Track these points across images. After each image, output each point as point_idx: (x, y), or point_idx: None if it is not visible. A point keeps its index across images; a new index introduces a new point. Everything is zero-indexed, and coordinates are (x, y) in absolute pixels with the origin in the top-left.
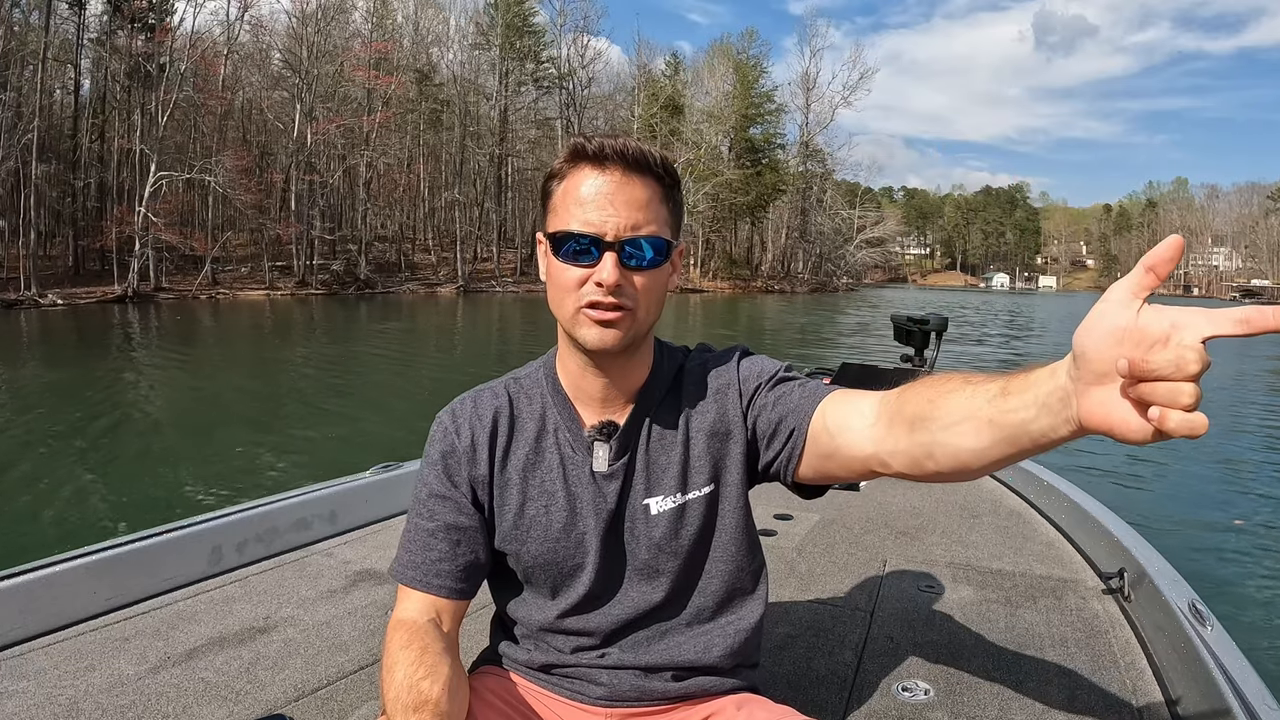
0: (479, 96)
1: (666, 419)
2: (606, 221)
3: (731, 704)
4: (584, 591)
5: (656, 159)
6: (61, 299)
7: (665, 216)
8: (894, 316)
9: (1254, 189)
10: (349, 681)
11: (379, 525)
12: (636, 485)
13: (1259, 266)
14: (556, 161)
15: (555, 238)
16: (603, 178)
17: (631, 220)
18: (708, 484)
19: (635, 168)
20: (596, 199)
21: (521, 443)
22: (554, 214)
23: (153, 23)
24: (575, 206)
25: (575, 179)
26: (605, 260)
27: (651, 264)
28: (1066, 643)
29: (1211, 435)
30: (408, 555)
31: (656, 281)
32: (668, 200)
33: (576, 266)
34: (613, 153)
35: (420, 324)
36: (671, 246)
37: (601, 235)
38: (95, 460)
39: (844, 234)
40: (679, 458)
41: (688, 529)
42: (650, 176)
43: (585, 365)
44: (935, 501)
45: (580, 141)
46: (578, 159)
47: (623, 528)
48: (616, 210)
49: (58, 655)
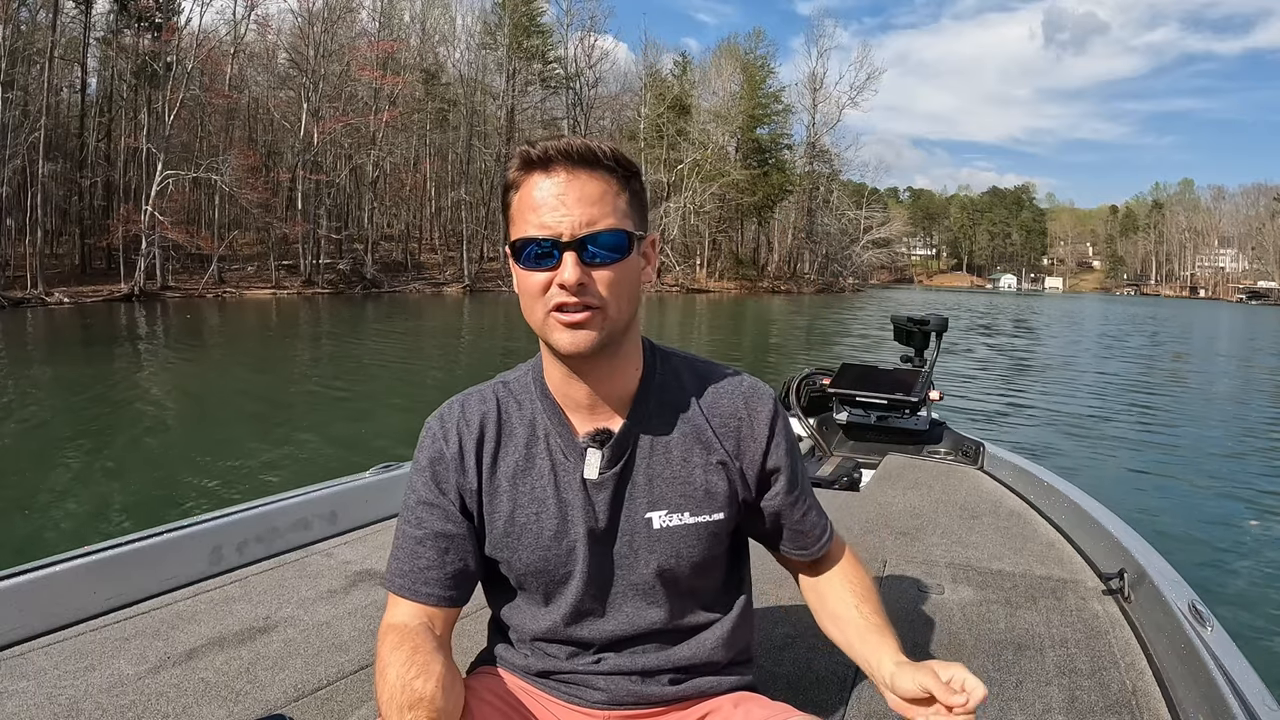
0: (486, 96)
1: (671, 430)
2: (561, 222)
3: (729, 702)
4: (575, 601)
5: (605, 152)
6: (68, 297)
7: (623, 208)
8: (894, 317)
9: (1261, 190)
10: (349, 681)
11: (379, 525)
12: (636, 497)
13: (1265, 268)
14: (509, 173)
15: (515, 246)
16: (551, 179)
17: (586, 217)
18: (718, 511)
19: (583, 164)
20: (549, 201)
21: (511, 449)
22: (513, 224)
23: (159, 21)
24: (530, 212)
25: (527, 186)
26: (565, 260)
27: (612, 259)
28: (1066, 643)
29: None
30: (396, 564)
31: (624, 275)
32: (624, 191)
33: (539, 271)
34: (557, 153)
35: (427, 323)
36: (634, 237)
37: (558, 236)
38: (96, 460)
39: (850, 234)
40: (688, 476)
41: (693, 549)
42: (600, 170)
43: (567, 373)
44: (935, 502)
45: (525, 149)
46: (528, 167)
47: (616, 538)
48: (569, 209)
49: (58, 655)
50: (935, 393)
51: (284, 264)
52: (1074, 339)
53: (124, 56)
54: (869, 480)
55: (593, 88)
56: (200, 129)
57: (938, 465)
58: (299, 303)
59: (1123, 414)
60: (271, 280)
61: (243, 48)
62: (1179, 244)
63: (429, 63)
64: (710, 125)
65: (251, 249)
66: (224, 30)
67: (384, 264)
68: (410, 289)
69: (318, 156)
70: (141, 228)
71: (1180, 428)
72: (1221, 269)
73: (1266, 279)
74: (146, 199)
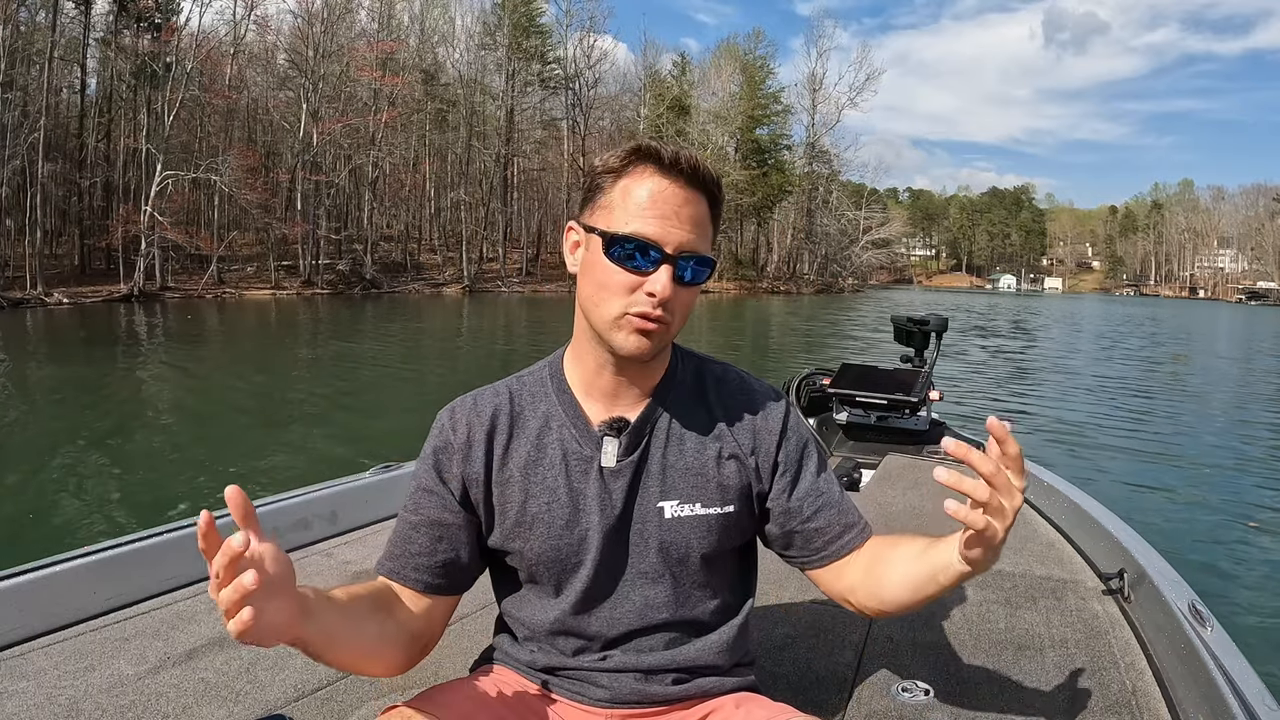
0: (485, 96)
1: (686, 422)
2: (670, 233)
3: (730, 703)
4: (584, 589)
5: (715, 179)
6: (67, 298)
7: (711, 235)
8: (894, 317)
9: (1260, 190)
10: (349, 682)
11: (379, 525)
12: (649, 485)
13: (1265, 268)
14: (613, 157)
15: (609, 236)
16: (671, 187)
17: (691, 237)
18: (729, 504)
19: (698, 184)
20: (661, 207)
21: (523, 441)
22: (608, 211)
23: (158, 22)
24: (636, 209)
25: (640, 179)
26: (661, 272)
27: (696, 281)
28: (1066, 643)
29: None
30: (389, 548)
31: (694, 297)
32: (715, 219)
33: (628, 271)
34: (687, 165)
35: (426, 324)
36: (714, 265)
37: (662, 245)
38: (97, 460)
39: (850, 235)
40: (701, 468)
41: (703, 541)
42: (707, 194)
43: (604, 364)
44: (935, 502)
45: (652, 144)
46: (644, 159)
47: (629, 527)
48: (680, 224)
49: (58, 655)
50: (935, 393)
51: (283, 264)
52: (1073, 340)
53: (123, 57)
54: (869, 480)
55: (592, 88)
56: (200, 129)
57: (938, 465)
58: (298, 303)
59: (1122, 414)
60: (271, 281)
61: (242, 48)
62: (1178, 244)
63: (428, 63)
64: (710, 126)
65: (251, 249)
66: (223, 31)
67: (383, 264)
68: (410, 289)
69: (317, 157)
70: (141, 228)
71: (1180, 428)
72: (1221, 269)
73: (1266, 279)
74: (146, 199)
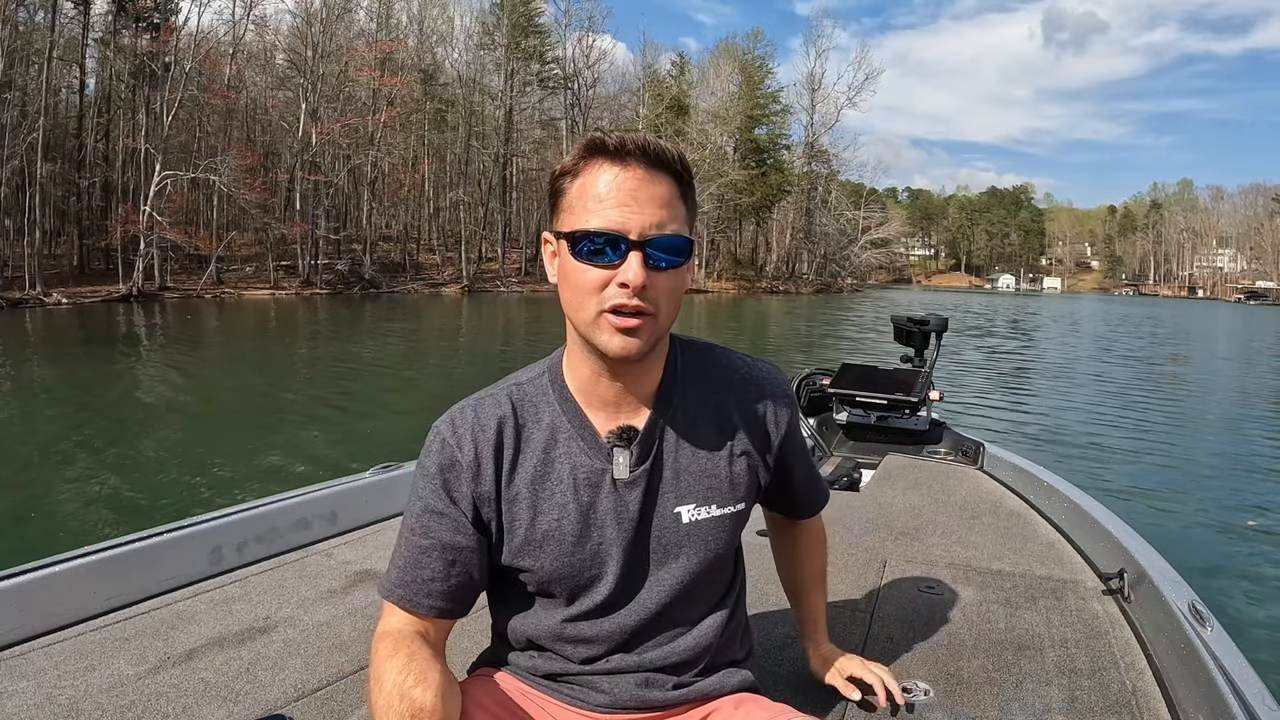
0: (484, 96)
1: (695, 422)
2: (630, 219)
3: (730, 703)
4: (601, 600)
5: (675, 156)
6: (66, 298)
7: (684, 214)
8: (894, 317)
9: (1259, 190)
10: (349, 682)
11: (379, 525)
12: (665, 492)
13: (1264, 268)
14: (568, 157)
15: (573, 237)
16: (624, 173)
17: (656, 218)
18: (740, 501)
19: (658, 164)
20: (618, 195)
21: (529, 455)
22: (569, 212)
23: (157, 22)
24: (594, 203)
25: (592, 175)
26: (630, 260)
27: (674, 264)
28: (1066, 643)
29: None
30: (398, 573)
31: (679, 282)
32: (685, 197)
33: (597, 267)
34: (634, 147)
35: (425, 324)
36: (692, 245)
37: (625, 233)
38: (96, 460)
39: (849, 235)
40: (714, 468)
41: (719, 540)
42: (669, 173)
43: (600, 370)
44: (935, 502)
45: (598, 136)
46: (594, 154)
47: (649, 535)
48: (640, 208)
49: (58, 655)
50: (935, 393)
51: (282, 264)
52: (1072, 340)
53: (122, 57)
54: (869, 480)
55: (591, 88)
56: (198, 129)
57: (938, 465)
58: (297, 303)
59: (1122, 414)
60: (270, 281)
61: (241, 48)
62: (1177, 244)
63: (427, 63)
64: (708, 125)
65: (250, 249)
66: (222, 31)
67: (382, 264)
68: (409, 289)
69: (316, 157)
70: (140, 228)
71: (1180, 428)
72: (1220, 269)
73: (1265, 279)
74: (145, 199)
